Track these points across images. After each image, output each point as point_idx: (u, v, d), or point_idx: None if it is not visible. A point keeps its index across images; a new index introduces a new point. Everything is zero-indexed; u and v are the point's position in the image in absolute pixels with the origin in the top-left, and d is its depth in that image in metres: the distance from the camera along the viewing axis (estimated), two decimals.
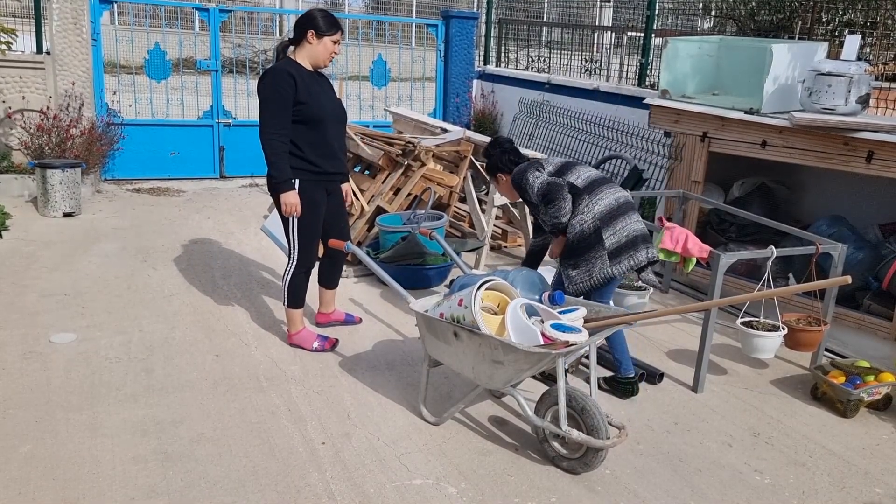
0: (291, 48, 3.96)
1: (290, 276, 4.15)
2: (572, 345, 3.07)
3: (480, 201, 6.05)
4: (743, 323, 4.13)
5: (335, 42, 3.92)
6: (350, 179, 4.39)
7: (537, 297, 3.53)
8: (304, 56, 3.92)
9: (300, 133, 3.87)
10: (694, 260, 4.46)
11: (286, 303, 4.21)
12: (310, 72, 3.94)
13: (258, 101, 3.85)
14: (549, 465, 3.26)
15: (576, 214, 3.67)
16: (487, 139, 6.35)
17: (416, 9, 19.24)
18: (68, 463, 3.08)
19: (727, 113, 5.05)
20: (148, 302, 4.82)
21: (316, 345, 4.21)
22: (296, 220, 4.00)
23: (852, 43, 4.69)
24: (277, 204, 3.99)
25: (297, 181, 3.93)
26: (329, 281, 4.48)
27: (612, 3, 9.75)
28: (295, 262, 4.12)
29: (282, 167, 3.84)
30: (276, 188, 3.89)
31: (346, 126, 4.25)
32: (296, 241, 4.06)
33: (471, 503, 2.98)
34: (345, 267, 5.62)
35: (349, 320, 4.60)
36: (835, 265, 4.19)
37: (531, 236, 4.34)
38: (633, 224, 3.72)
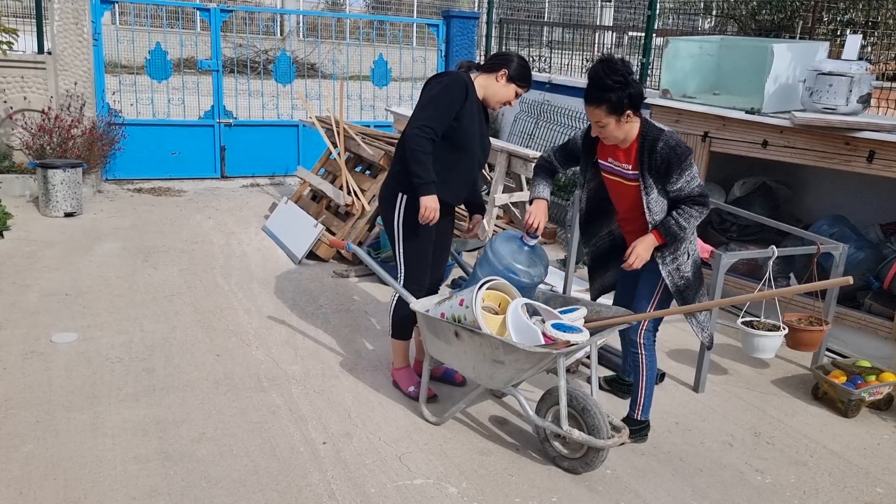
0: (475, 72, 3.64)
1: (395, 303, 3.78)
2: (573, 345, 3.07)
3: None
4: (744, 323, 4.13)
5: (517, 94, 3.63)
6: (485, 210, 3.97)
7: (517, 244, 3.47)
8: (482, 86, 3.59)
9: (435, 150, 3.47)
10: None
11: (390, 332, 3.87)
12: (478, 99, 3.62)
13: (421, 98, 3.52)
14: (550, 464, 3.26)
15: (688, 247, 3.26)
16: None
17: (417, 9, 19.25)
18: (69, 463, 3.08)
19: (728, 113, 5.05)
20: (149, 302, 4.82)
21: (411, 389, 3.79)
22: (402, 241, 3.63)
23: (853, 42, 4.69)
24: (387, 214, 3.65)
25: (404, 196, 3.57)
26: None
27: (612, 3, 9.75)
28: (402, 287, 3.70)
29: (428, 167, 3.41)
30: (419, 189, 3.43)
31: (482, 163, 3.81)
32: (402, 263, 3.67)
33: (472, 503, 2.98)
34: (346, 267, 5.65)
35: (448, 377, 3.98)
36: (836, 265, 4.18)
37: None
38: None
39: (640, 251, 3.19)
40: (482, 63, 3.70)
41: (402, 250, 3.65)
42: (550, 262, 6.11)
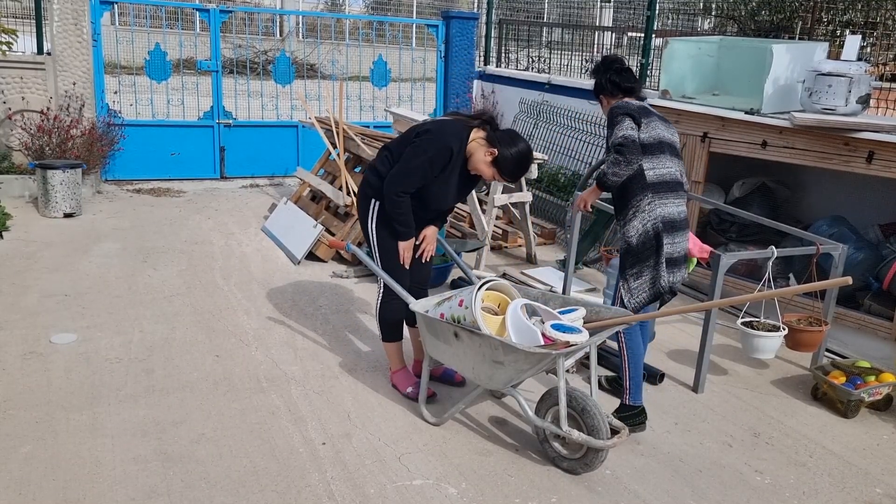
0: (484, 128, 3.57)
1: (379, 307, 3.80)
2: (573, 345, 3.07)
3: (481, 201, 6.05)
4: (743, 323, 4.13)
5: (494, 177, 3.59)
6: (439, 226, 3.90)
7: None
8: (473, 149, 3.53)
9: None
10: (694, 260, 4.46)
11: (381, 336, 3.90)
12: (465, 155, 3.56)
13: (408, 150, 3.49)
14: (550, 465, 3.26)
15: (637, 214, 3.42)
16: None
17: (417, 9, 19.26)
18: (69, 463, 3.08)
19: (727, 113, 5.05)
20: (148, 302, 4.82)
21: (409, 390, 3.79)
22: (377, 244, 3.69)
23: (853, 43, 4.69)
24: (362, 219, 3.74)
25: (377, 202, 3.63)
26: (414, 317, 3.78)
27: (612, 4, 9.75)
28: (382, 289, 3.76)
29: (408, 222, 3.56)
30: (399, 236, 3.58)
31: (460, 198, 3.85)
32: (380, 266, 3.71)
33: (471, 503, 2.98)
34: (345, 267, 5.65)
35: (447, 377, 3.98)
36: (835, 265, 4.19)
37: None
38: (686, 244, 3.55)
39: (583, 195, 3.69)
40: (495, 127, 3.59)
41: (378, 253, 3.72)
42: (550, 263, 6.13)
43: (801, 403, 4.02)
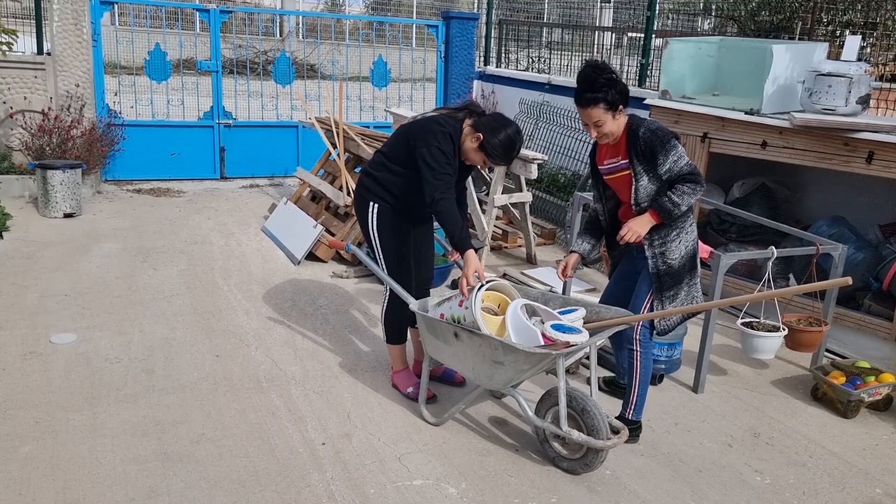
0: (472, 117, 3.55)
1: (385, 309, 3.82)
2: (573, 345, 3.07)
3: (481, 202, 6.05)
4: (743, 323, 4.13)
5: (485, 164, 3.59)
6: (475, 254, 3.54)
7: None
8: (464, 137, 3.53)
9: (404, 176, 3.55)
10: None
11: (384, 338, 3.90)
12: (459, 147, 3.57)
13: (422, 157, 3.43)
14: (550, 465, 3.26)
15: (680, 235, 3.27)
16: None
17: (417, 10, 19.26)
18: (68, 463, 3.08)
19: (727, 113, 5.05)
20: (148, 302, 4.82)
21: (410, 390, 3.79)
22: (380, 247, 3.68)
23: (852, 43, 4.69)
24: (362, 222, 3.71)
25: (375, 205, 3.63)
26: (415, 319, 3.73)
27: (612, 4, 9.75)
28: (388, 292, 3.75)
29: (460, 224, 3.39)
30: (459, 246, 3.37)
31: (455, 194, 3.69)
32: (385, 268, 3.71)
33: (471, 503, 2.98)
34: (345, 267, 5.65)
35: (447, 377, 3.99)
36: (835, 266, 4.19)
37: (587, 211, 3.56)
38: None
39: (634, 225, 3.24)
40: (480, 113, 3.58)
41: (381, 255, 3.71)
42: (550, 263, 6.13)
43: (800, 404, 4.02)
